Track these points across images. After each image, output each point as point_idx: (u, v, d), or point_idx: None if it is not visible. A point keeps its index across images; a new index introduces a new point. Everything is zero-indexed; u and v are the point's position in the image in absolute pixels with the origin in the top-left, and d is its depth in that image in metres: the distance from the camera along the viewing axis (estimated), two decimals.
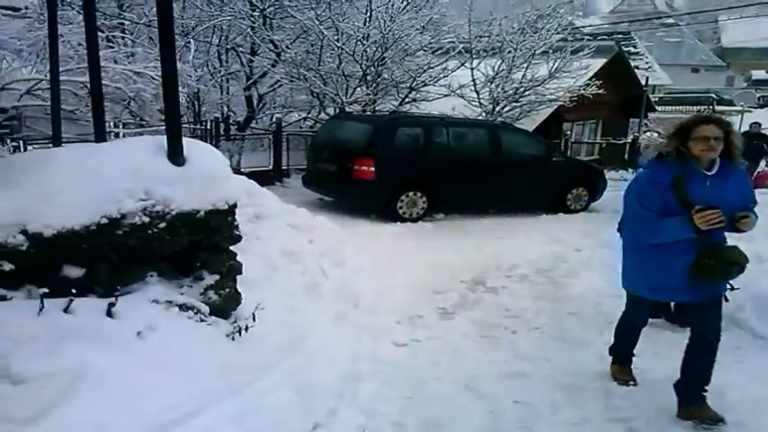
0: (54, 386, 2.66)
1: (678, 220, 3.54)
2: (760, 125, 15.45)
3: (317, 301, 5.20)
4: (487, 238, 8.65)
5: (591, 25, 45.29)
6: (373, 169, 9.45)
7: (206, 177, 3.92)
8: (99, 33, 11.30)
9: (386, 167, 9.48)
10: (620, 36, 36.65)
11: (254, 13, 13.45)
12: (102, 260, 3.47)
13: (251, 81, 14.53)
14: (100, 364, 2.86)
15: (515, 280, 6.93)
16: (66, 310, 3.14)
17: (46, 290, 3.14)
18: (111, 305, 3.30)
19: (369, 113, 13.45)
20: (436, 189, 9.89)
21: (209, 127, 13.05)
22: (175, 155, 3.83)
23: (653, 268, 3.81)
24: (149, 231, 3.58)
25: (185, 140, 3.96)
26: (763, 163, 15.05)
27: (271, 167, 12.73)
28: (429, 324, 5.46)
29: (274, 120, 14.45)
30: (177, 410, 2.93)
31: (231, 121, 14.45)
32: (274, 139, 12.97)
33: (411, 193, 9.75)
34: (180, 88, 10.70)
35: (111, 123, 12.07)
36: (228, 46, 14.10)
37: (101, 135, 4.91)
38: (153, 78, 11.01)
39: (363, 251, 7.03)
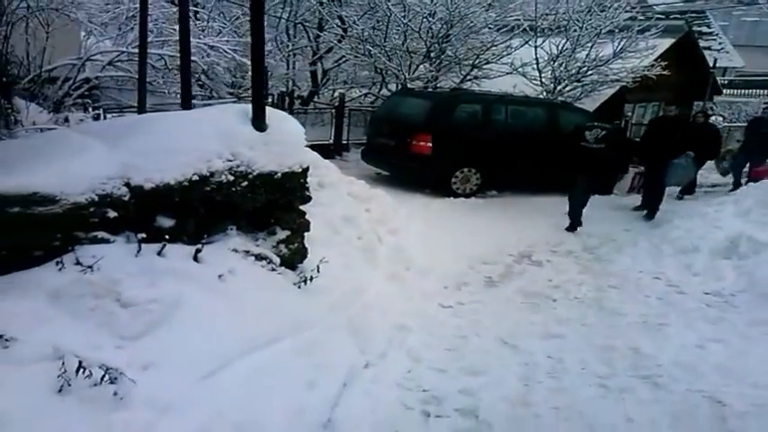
0: (156, 311, 3.24)
1: None
2: None
3: (372, 262, 5.69)
4: (538, 216, 8.91)
5: (664, 3, 43.99)
6: (431, 145, 9.73)
7: (284, 143, 4.45)
8: (174, 8, 12.00)
9: (443, 144, 9.73)
10: (693, 15, 35.46)
11: None
12: (190, 212, 4.01)
13: (317, 56, 15.03)
14: (191, 297, 3.41)
15: (561, 255, 7.25)
16: (159, 254, 3.70)
17: (143, 235, 3.69)
18: (198, 251, 3.86)
19: (430, 90, 13.74)
20: (491, 166, 10.09)
21: (275, 101, 13.62)
22: (259, 122, 4.37)
23: None
24: (233, 189, 4.12)
25: (268, 109, 4.48)
26: None
27: (331, 141, 13.14)
28: (474, 290, 5.89)
29: (337, 95, 14.93)
30: (253, 341, 3.48)
31: (296, 95, 15.03)
32: (336, 113, 13.40)
33: (465, 170, 10.01)
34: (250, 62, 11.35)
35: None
36: (297, 21, 14.61)
37: (187, 104, 5.48)
38: (225, 52, 11.65)
39: (417, 222, 7.46)
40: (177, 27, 11.28)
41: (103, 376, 2.76)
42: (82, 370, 2.74)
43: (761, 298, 5.71)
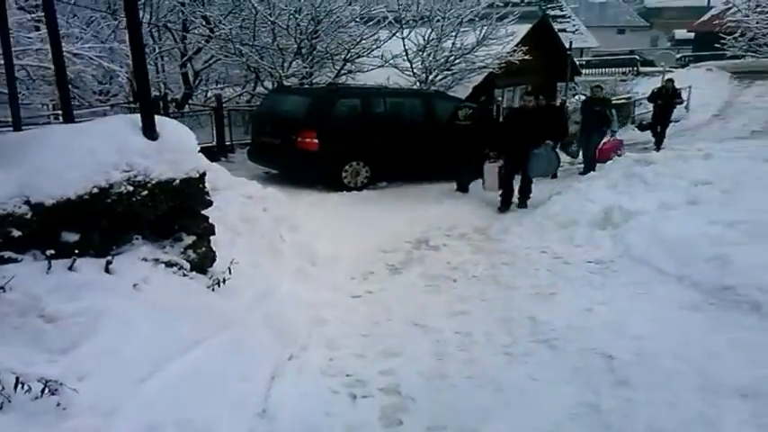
0: (81, 323, 3.21)
1: None
2: (601, 88, 13.37)
3: (278, 260, 5.75)
4: (428, 203, 9.29)
5: None
6: (317, 141, 9.83)
7: (178, 149, 4.44)
8: (28, 15, 11.30)
9: (329, 139, 9.87)
10: None
11: None
12: (94, 226, 3.93)
13: (186, 58, 14.65)
14: (112, 308, 3.38)
15: (455, 238, 7.62)
16: (70, 268, 3.62)
17: (52, 251, 3.59)
18: (109, 263, 3.80)
19: (307, 86, 13.80)
20: (378, 158, 10.34)
21: None
22: (150, 131, 4.34)
23: None
24: (134, 199, 4.07)
25: (156, 117, 4.43)
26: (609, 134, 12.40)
27: (214, 143, 12.88)
28: (380, 278, 6.13)
29: (212, 96, 14.65)
30: (179, 343, 3.49)
31: (169, 98, 14.60)
32: (216, 115, 13.19)
33: (354, 163, 10.21)
34: (119, 67, 10.92)
35: (50, 106, 12.14)
36: (160, 23, 14.16)
37: (69, 117, 5.26)
38: (91, 59, 11.14)
39: (314, 218, 7.56)
40: (33, 35, 10.77)
41: (43, 389, 2.74)
42: (20, 385, 2.71)
43: (635, 261, 6.28)
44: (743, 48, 14.42)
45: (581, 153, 12.80)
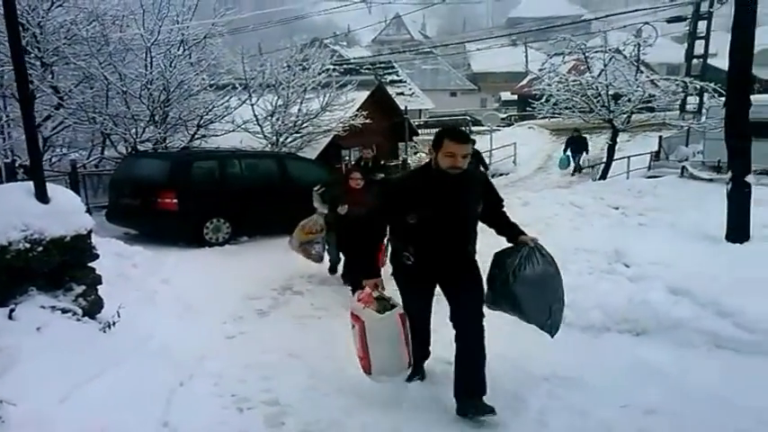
0: (5, 356, 3.66)
1: None
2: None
3: (154, 307, 6.31)
4: (289, 254, 9.89)
5: (355, 58, 48.91)
6: (176, 201, 10.38)
7: (67, 211, 5.05)
8: None
9: (187, 198, 10.46)
10: (382, 65, 39.78)
11: (32, 61, 13.60)
12: None
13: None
14: (24, 346, 3.88)
15: (315, 283, 8.37)
16: None
17: None
18: (12, 310, 4.27)
19: (162, 150, 14.24)
20: (237, 215, 10.97)
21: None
22: (42, 196, 4.98)
23: None
24: (30, 254, 4.59)
25: (48, 185, 5.01)
26: None
27: None
28: (250, 321, 6.72)
29: (55, 161, 14.83)
30: (86, 373, 4.03)
31: (17, 164, 14.37)
32: (71, 179, 13.26)
33: (215, 220, 10.77)
34: None
35: None
36: (6, 94, 14.03)
37: None
38: None
39: (182, 271, 8.07)
40: None
41: None
42: None
43: None
44: (548, 111, 16.55)
45: None
